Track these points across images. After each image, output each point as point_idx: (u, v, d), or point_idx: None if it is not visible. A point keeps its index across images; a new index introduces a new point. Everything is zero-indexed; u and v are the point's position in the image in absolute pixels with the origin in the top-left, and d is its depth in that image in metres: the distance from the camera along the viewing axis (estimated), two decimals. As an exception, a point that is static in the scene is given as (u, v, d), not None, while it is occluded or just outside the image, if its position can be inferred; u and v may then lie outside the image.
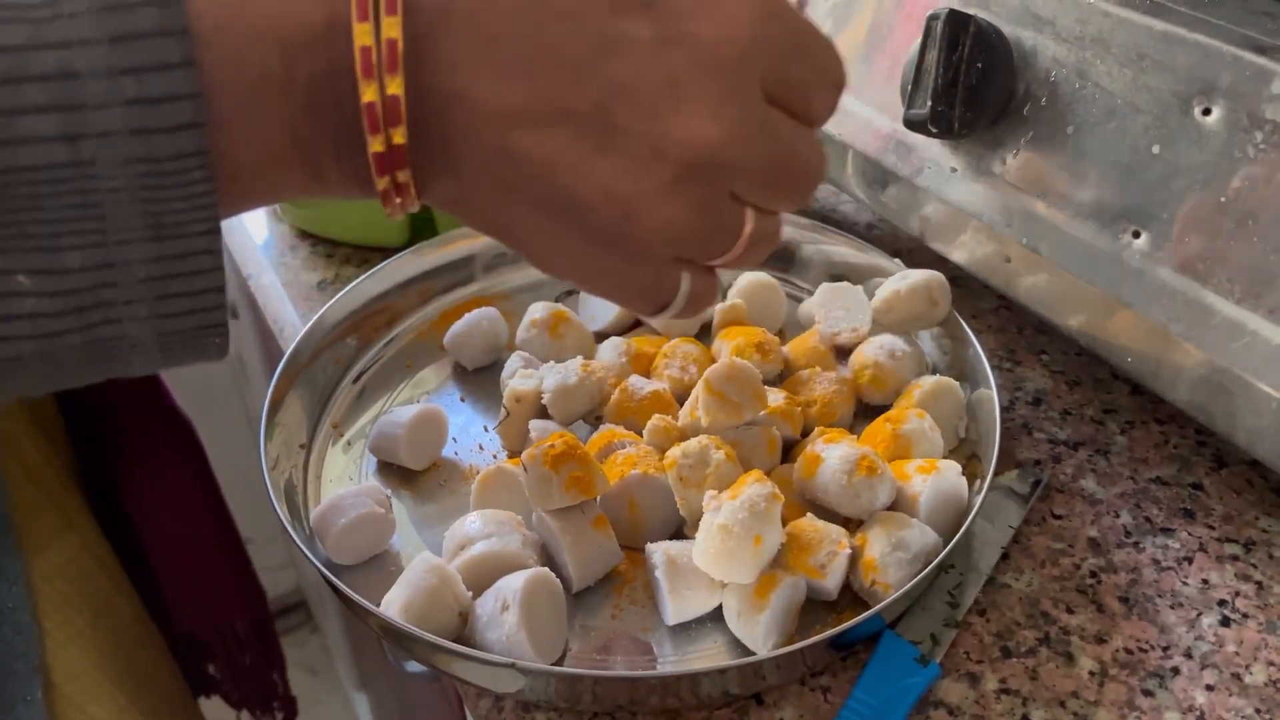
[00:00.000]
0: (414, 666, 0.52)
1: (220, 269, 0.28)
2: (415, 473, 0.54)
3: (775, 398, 0.53)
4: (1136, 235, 0.48)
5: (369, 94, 0.27)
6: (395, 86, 0.27)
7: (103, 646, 0.62)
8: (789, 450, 0.53)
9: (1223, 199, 0.45)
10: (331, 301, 0.59)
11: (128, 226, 0.26)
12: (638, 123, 0.28)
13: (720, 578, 0.44)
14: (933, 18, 0.50)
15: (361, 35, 0.27)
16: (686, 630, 0.46)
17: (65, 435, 0.69)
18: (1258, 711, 0.43)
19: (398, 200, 0.30)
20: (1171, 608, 0.47)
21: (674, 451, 0.48)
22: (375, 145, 0.28)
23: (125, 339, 0.28)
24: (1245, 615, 0.47)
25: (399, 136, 0.28)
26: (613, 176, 0.29)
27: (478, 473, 0.51)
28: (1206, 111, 0.45)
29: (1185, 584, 0.48)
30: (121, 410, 0.71)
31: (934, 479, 0.47)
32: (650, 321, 0.41)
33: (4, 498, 0.56)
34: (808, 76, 0.32)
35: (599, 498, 0.48)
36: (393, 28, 0.27)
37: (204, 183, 0.26)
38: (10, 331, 0.26)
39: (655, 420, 0.52)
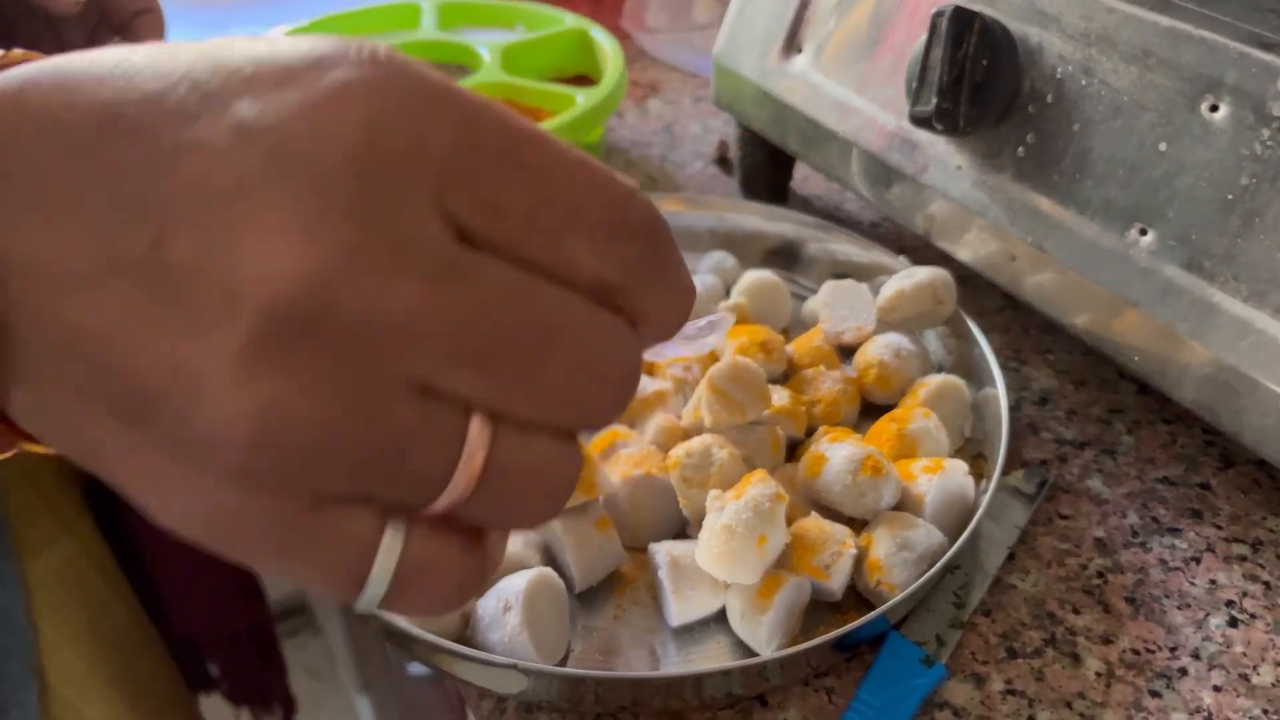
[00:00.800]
0: (417, 668, 0.51)
1: None
2: (417, 472, 0.54)
3: (779, 397, 0.52)
4: (1143, 233, 0.47)
5: None
6: None
7: (100, 649, 0.62)
8: (793, 450, 0.52)
9: (1230, 196, 0.44)
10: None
11: None
12: (202, 256, 0.19)
13: (724, 578, 0.43)
14: (938, 14, 0.49)
15: None
16: (690, 631, 0.45)
17: None
18: (1265, 712, 0.43)
19: None
20: (1179, 608, 0.47)
21: (677, 451, 0.48)
22: None
23: None
24: (1253, 616, 0.46)
25: None
26: (175, 343, 0.19)
27: (480, 472, 0.51)
28: (1214, 108, 0.45)
29: (1193, 584, 0.48)
30: None
31: (939, 479, 0.47)
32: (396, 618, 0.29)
33: (1, 500, 0.56)
34: (539, 206, 0.21)
35: (602, 498, 0.47)
36: None
37: None
38: None
39: (658, 420, 0.51)
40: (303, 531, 0.21)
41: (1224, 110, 0.44)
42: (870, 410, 0.55)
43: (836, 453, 0.47)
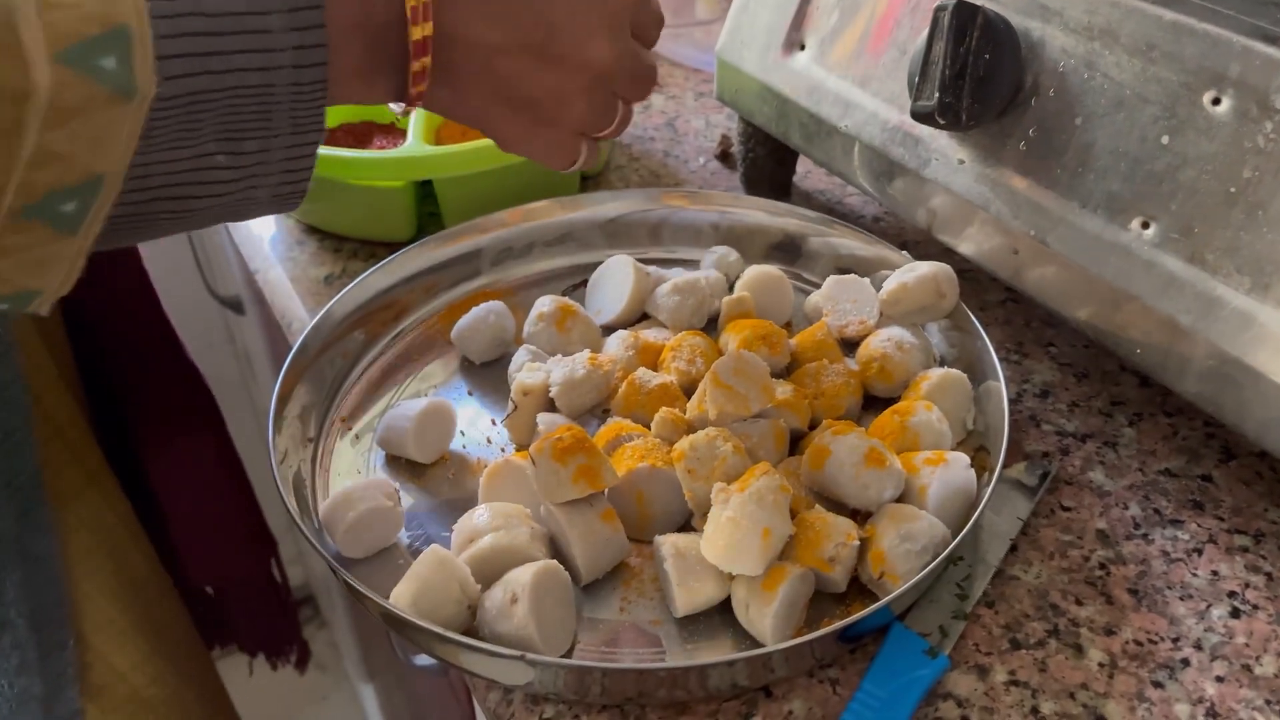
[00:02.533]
0: (422, 659, 0.52)
1: (316, 154, 0.40)
2: (423, 466, 0.54)
3: (783, 390, 0.52)
4: (1145, 226, 0.48)
5: (416, 34, 0.41)
6: (426, 30, 0.41)
7: (124, 598, 0.64)
8: (797, 442, 0.53)
9: (1232, 189, 0.44)
10: (339, 296, 0.59)
11: (280, 126, 0.38)
12: (569, 50, 0.44)
13: (728, 570, 0.44)
14: (940, 9, 0.49)
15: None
16: (695, 622, 0.46)
17: (85, 394, 0.71)
18: (1268, 703, 0.43)
19: (418, 101, 0.44)
20: (1181, 599, 0.47)
21: (682, 444, 0.48)
22: (415, 66, 0.42)
23: (257, 200, 0.40)
24: (1255, 607, 0.47)
25: (424, 61, 0.42)
26: (555, 83, 0.45)
27: (486, 466, 0.51)
28: (1216, 101, 0.45)
29: (1195, 576, 0.48)
30: (147, 375, 0.73)
31: (942, 471, 0.47)
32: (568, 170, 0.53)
33: (35, 452, 0.58)
34: (647, 19, 0.48)
35: (607, 490, 0.47)
36: None
37: (323, 98, 0.38)
38: (206, 191, 0.38)
39: (663, 413, 0.52)
40: (567, 145, 0.48)
41: (1227, 103, 0.44)
42: (873, 403, 0.55)
43: (840, 445, 0.47)
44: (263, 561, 0.82)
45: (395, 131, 0.77)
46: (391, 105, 0.45)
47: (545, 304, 0.60)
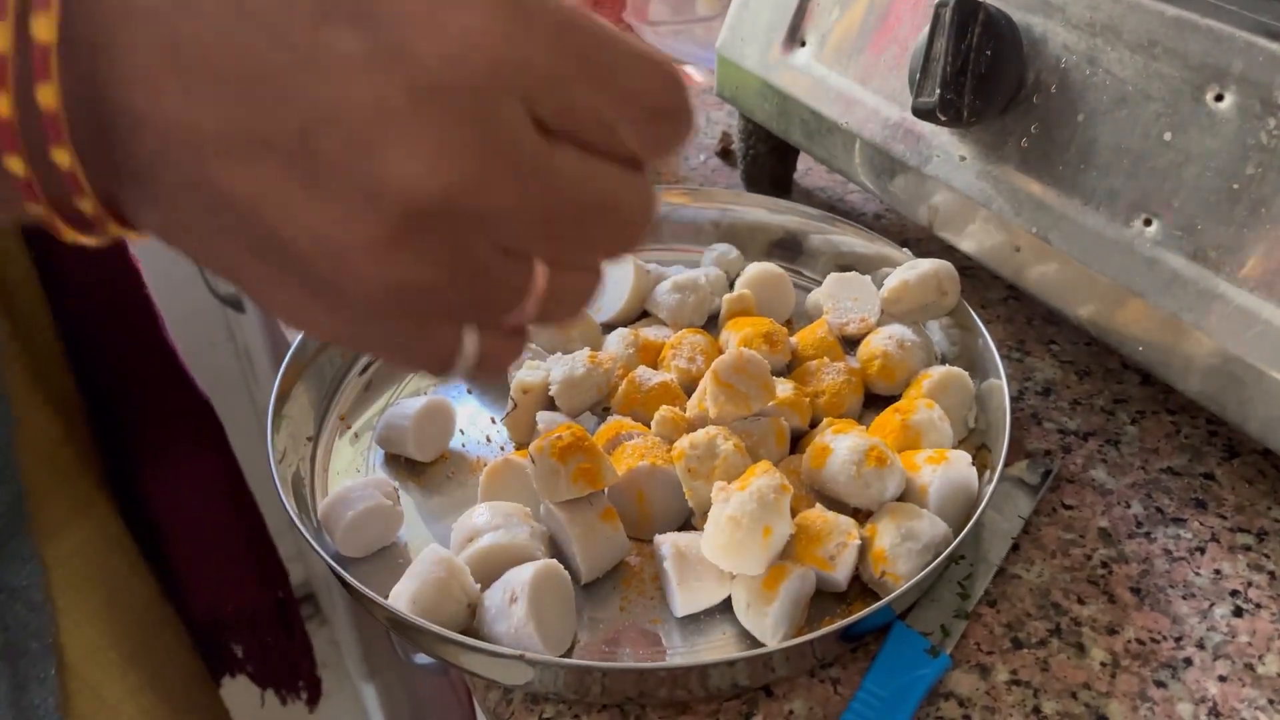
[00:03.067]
0: (423, 658, 0.52)
1: None
2: (423, 465, 0.54)
3: (783, 388, 0.52)
4: (1148, 224, 0.47)
5: (42, 96, 0.23)
6: (48, 95, 0.23)
7: (118, 627, 0.62)
8: (798, 441, 0.52)
9: (1235, 186, 0.44)
10: (338, 294, 0.59)
11: None
12: (347, 159, 0.24)
13: (729, 569, 0.43)
14: (941, 5, 0.49)
15: None
16: (695, 622, 0.45)
17: (83, 415, 0.69)
18: (1271, 702, 0.43)
19: (80, 228, 0.26)
20: (1184, 598, 0.47)
21: (682, 443, 0.48)
22: (12, 165, 0.24)
23: None
24: (1258, 605, 0.46)
25: (62, 157, 0.24)
26: (322, 222, 0.24)
27: (485, 465, 0.51)
28: (1219, 98, 0.44)
29: (1197, 574, 0.48)
30: (139, 389, 0.71)
31: (944, 469, 0.47)
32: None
33: (20, 479, 0.57)
34: (605, 104, 0.26)
35: (607, 489, 0.47)
36: (44, 28, 0.23)
37: None
38: None
39: (663, 411, 0.52)
40: (409, 342, 0.28)
41: (1230, 99, 0.44)
42: (874, 401, 0.55)
43: (841, 444, 0.47)
44: (272, 594, 0.80)
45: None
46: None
47: (545, 302, 0.59)
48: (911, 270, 0.56)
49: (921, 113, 0.51)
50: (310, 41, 0.23)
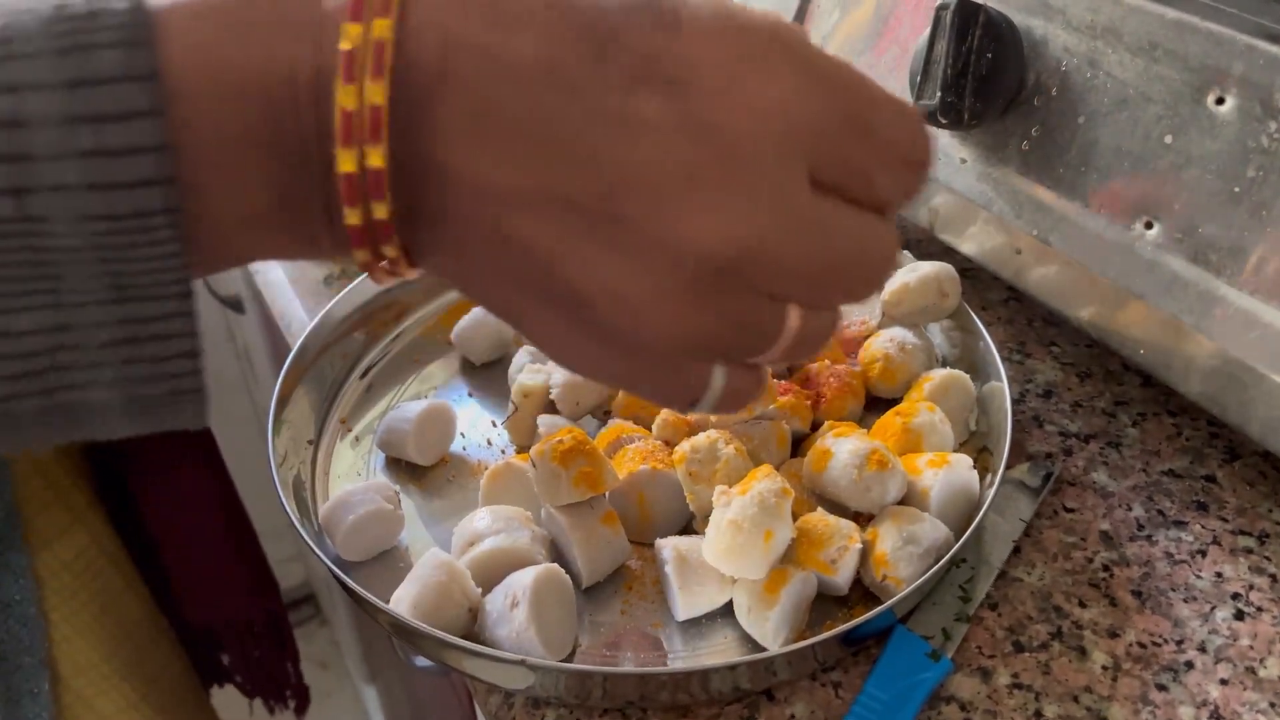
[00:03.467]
0: (424, 661, 0.51)
1: (194, 333, 0.26)
2: (424, 468, 0.54)
3: (785, 392, 0.52)
4: (1149, 226, 0.47)
5: (346, 164, 0.24)
6: (376, 158, 0.24)
7: (111, 640, 0.62)
8: (799, 444, 0.52)
9: (1236, 189, 0.44)
10: (338, 297, 0.59)
11: (86, 288, 0.24)
12: (649, 220, 0.25)
13: (730, 573, 0.43)
14: (942, 7, 0.49)
15: (345, 98, 0.24)
16: (697, 626, 0.45)
17: None
18: (1272, 705, 0.43)
19: (386, 271, 0.28)
20: (1185, 601, 0.47)
21: (683, 446, 0.48)
22: (351, 218, 0.25)
23: (90, 404, 0.26)
24: (1259, 608, 0.46)
25: (381, 211, 0.25)
26: (619, 277, 0.26)
27: (486, 468, 0.51)
28: (1220, 101, 0.44)
29: (1199, 577, 0.48)
30: None
31: (945, 473, 0.47)
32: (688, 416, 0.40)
33: (12, 492, 0.56)
34: (869, 157, 0.27)
35: (608, 493, 0.47)
36: (377, 93, 0.24)
37: (172, 242, 0.24)
38: None
39: (664, 415, 0.52)
40: (665, 378, 0.29)
41: (1230, 102, 0.44)
42: (875, 404, 0.55)
43: (842, 447, 0.47)
44: (264, 606, 0.80)
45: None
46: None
47: (546, 305, 0.59)
48: (912, 272, 0.56)
49: (922, 115, 0.51)
50: (620, 106, 0.25)
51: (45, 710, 0.56)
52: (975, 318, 0.55)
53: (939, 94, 0.50)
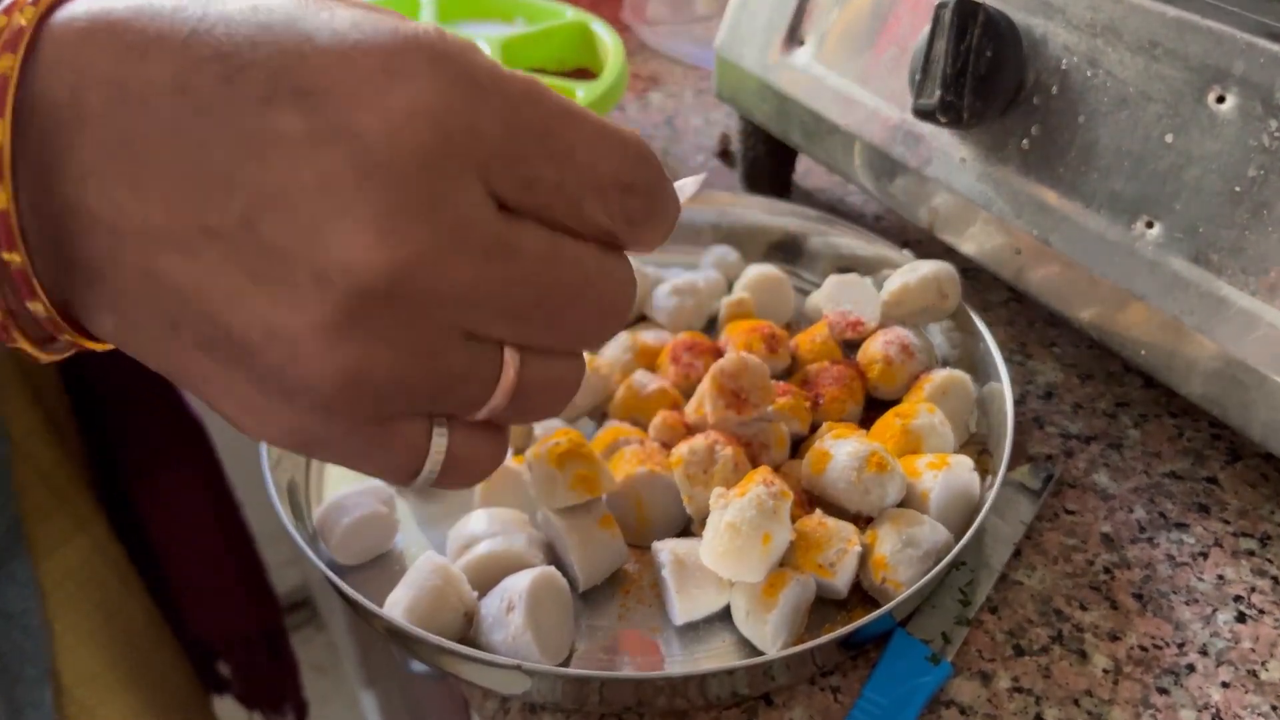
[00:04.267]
0: (419, 667, 0.51)
1: None
2: (419, 471, 0.54)
3: (783, 393, 0.52)
4: (1150, 226, 0.47)
5: None
6: (2, 199, 0.23)
7: (114, 649, 0.62)
8: (797, 446, 0.52)
9: (1238, 188, 0.44)
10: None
11: None
12: (292, 241, 0.23)
13: (728, 576, 0.43)
14: (941, 6, 0.49)
15: None
16: (694, 630, 0.45)
17: (78, 437, 0.69)
18: (1274, 709, 0.42)
19: (36, 342, 0.26)
20: (1186, 604, 0.46)
21: (681, 449, 0.47)
22: None
23: None
24: (1261, 611, 0.46)
25: (16, 258, 0.24)
26: (270, 310, 0.23)
27: (482, 471, 0.50)
28: (1221, 99, 0.44)
29: (1200, 580, 0.48)
30: (135, 412, 0.71)
31: (945, 475, 0.47)
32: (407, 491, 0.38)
33: (16, 501, 0.56)
34: (569, 179, 0.25)
35: (605, 496, 0.47)
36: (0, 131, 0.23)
37: None
38: None
39: (661, 416, 0.51)
40: (371, 441, 0.26)
41: (1231, 101, 0.44)
42: (874, 405, 0.55)
43: (841, 449, 0.47)
44: (261, 620, 0.80)
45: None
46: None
47: (542, 306, 0.59)
48: (912, 273, 0.56)
49: (921, 114, 0.51)
50: (255, 125, 0.23)
51: None
52: (975, 318, 0.55)
53: (938, 93, 0.49)
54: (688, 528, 0.49)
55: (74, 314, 0.26)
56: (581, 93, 0.72)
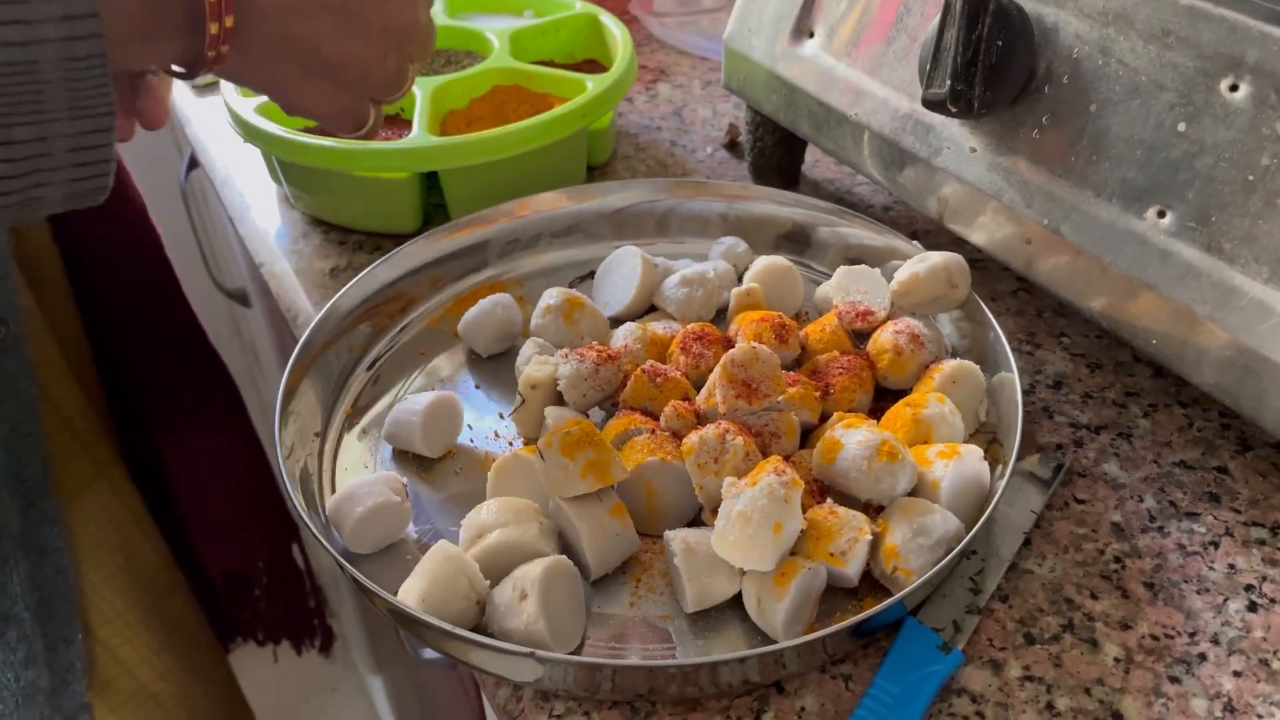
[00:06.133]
0: (431, 653, 0.51)
1: (113, 144, 0.38)
2: (431, 460, 0.54)
3: (793, 383, 0.52)
4: (1161, 215, 0.47)
5: None
6: None
7: (133, 592, 0.64)
8: (808, 435, 0.52)
9: (1250, 177, 0.44)
10: (345, 289, 0.59)
11: (57, 108, 0.35)
12: (371, 13, 0.45)
13: (740, 565, 0.43)
14: (952, -5, 0.49)
15: None
16: (706, 618, 0.45)
17: (99, 383, 0.70)
18: (1286, 698, 0.42)
19: (212, 66, 0.43)
20: (1197, 593, 0.47)
21: (691, 438, 0.47)
22: (213, 28, 0.41)
23: (45, 199, 0.37)
24: (1273, 600, 0.46)
25: (229, 21, 0.41)
26: (357, 48, 0.45)
27: (494, 460, 0.51)
28: (1233, 88, 0.44)
29: (1211, 569, 0.48)
30: (160, 354, 0.73)
31: (955, 464, 0.47)
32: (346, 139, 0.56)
33: (41, 444, 0.57)
34: None
35: (616, 485, 0.47)
36: None
37: (104, 74, 0.36)
38: None
39: (672, 406, 0.51)
40: (361, 110, 0.49)
41: (1244, 90, 0.44)
42: (884, 395, 0.55)
43: (851, 438, 0.47)
44: (284, 546, 0.82)
45: (400, 122, 0.76)
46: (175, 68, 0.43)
47: (553, 296, 0.59)
48: (921, 263, 0.56)
49: (932, 104, 0.51)
50: None
51: (78, 659, 0.57)
52: (985, 308, 0.55)
53: (949, 82, 0.49)
54: (698, 516, 0.49)
55: (204, 57, 0.42)
56: (591, 84, 0.72)
